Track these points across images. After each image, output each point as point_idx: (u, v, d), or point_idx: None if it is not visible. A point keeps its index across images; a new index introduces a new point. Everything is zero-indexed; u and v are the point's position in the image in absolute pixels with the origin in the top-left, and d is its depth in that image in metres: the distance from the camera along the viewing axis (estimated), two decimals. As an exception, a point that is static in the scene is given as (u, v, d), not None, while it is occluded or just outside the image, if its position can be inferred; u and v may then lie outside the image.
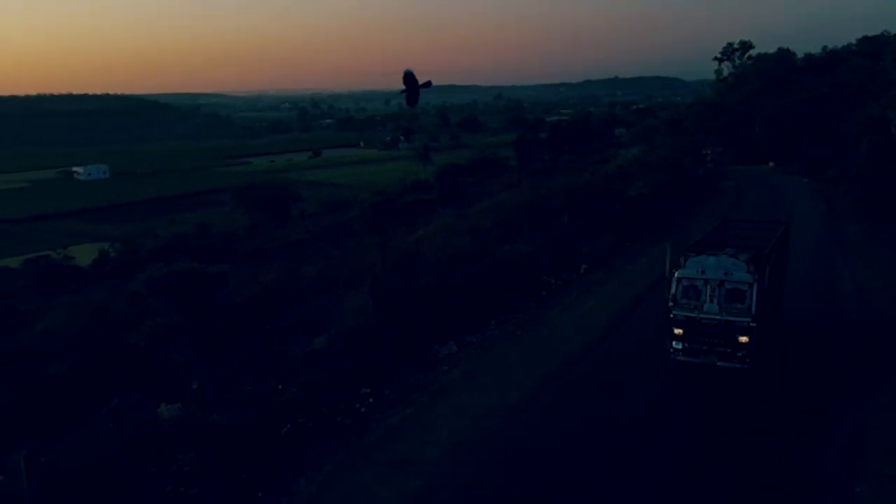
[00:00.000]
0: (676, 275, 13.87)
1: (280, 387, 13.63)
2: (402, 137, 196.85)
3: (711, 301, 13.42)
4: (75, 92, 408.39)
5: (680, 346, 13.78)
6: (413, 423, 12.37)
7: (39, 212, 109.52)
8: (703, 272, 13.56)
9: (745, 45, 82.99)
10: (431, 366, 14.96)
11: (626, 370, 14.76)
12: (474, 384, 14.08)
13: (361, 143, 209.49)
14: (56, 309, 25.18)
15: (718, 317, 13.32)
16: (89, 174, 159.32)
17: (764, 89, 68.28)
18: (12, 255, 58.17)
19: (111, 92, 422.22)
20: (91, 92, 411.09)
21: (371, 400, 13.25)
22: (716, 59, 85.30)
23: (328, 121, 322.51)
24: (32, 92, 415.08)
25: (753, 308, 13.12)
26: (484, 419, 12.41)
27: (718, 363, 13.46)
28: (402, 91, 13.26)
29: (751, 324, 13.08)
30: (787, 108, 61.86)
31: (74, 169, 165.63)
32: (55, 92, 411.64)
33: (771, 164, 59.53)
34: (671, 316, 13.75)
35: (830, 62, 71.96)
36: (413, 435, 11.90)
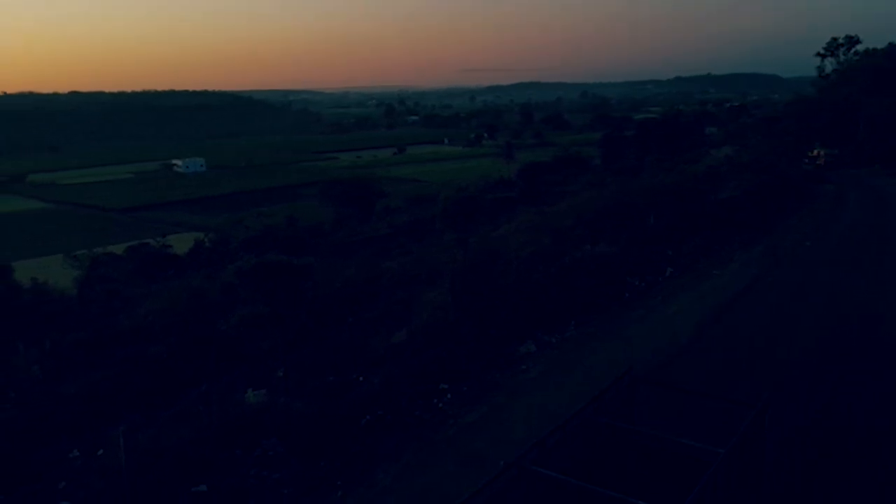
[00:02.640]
0: None
1: (360, 378, 13.92)
2: (485, 135, 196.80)
3: None
4: (177, 88, 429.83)
5: None
6: (489, 421, 12.37)
7: (142, 202, 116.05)
8: None
9: (852, 40, 78.31)
10: (509, 364, 14.90)
11: (710, 382, 14.20)
12: (552, 384, 13.93)
13: (445, 140, 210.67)
14: (154, 294, 26.56)
15: None
16: (187, 167, 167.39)
17: (871, 87, 64.25)
18: (117, 242, 61.80)
19: (209, 89, 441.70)
20: (191, 88, 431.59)
21: (449, 396, 13.34)
22: (818, 54, 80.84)
23: (413, 117, 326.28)
24: (139, 88, 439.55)
25: None
26: (560, 421, 12.23)
27: None
28: None
29: None
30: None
31: (174, 162, 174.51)
32: (159, 88, 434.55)
33: (877, 166, 56.14)
34: None
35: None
36: (489, 433, 11.90)
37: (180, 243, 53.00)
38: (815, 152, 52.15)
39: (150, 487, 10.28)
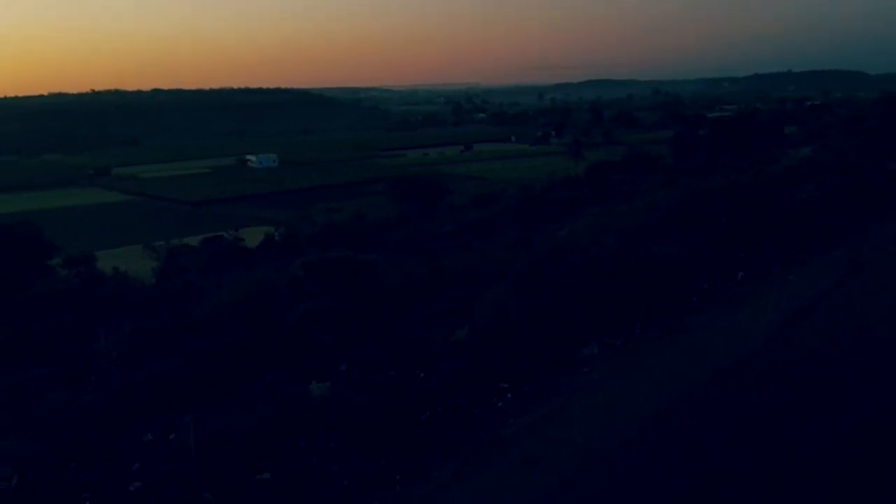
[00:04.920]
0: None
1: (421, 375, 14.02)
2: (553, 133, 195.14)
3: None
4: (252, 86, 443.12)
5: None
6: (549, 422, 12.26)
7: (216, 196, 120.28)
8: None
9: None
10: (571, 366, 14.72)
11: (781, 392, 13.68)
12: (615, 388, 13.69)
13: (512, 138, 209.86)
14: (226, 286, 27.46)
15: None
16: (260, 162, 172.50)
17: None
18: (192, 234, 64.28)
19: (282, 86, 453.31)
20: (265, 86, 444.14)
21: (508, 395, 13.29)
22: (909, 50, 76.47)
23: (480, 115, 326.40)
24: (217, 86, 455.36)
25: None
26: (622, 426, 12.05)
27: None
28: None
29: None
30: None
31: (248, 157, 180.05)
32: (235, 86, 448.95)
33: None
34: None
35: None
36: (548, 435, 11.80)
37: (252, 236, 54.71)
38: None
39: (217, 472, 10.66)
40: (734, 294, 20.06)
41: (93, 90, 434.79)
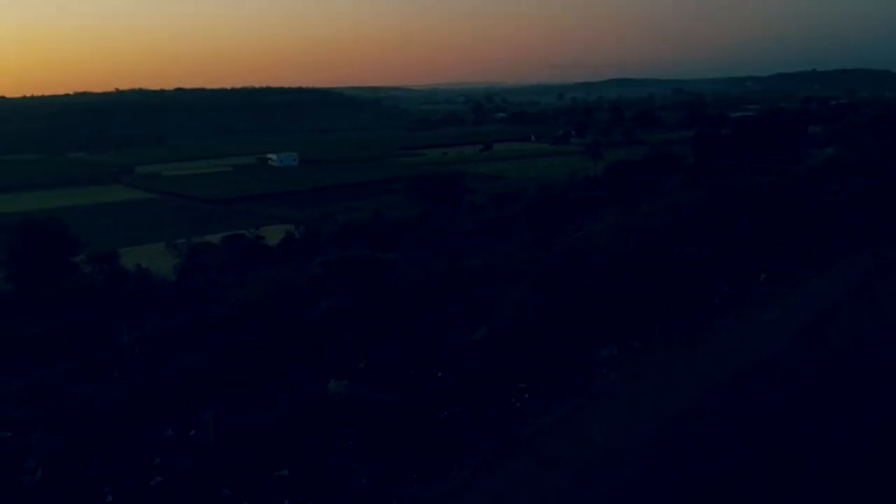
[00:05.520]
0: None
1: (439, 374, 14.03)
2: (573, 132, 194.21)
3: None
4: (273, 85, 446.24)
5: None
6: (567, 423, 12.21)
7: (237, 194, 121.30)
8: None
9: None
10: (590, 367, 14.65)
11: (802, 395, 13.50)
12: (634, 390, 13.61)
13: (532, 137, 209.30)
14: (246, 283, 27.68)
15: None
16: (281, 161, 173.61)
17: None
18: (213, 232, 64.84)
19: (303, 85, 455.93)
20: (286, 85, 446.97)
21: (526, 396, 13.25)
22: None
23: (500, 114, 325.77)
24: (238, 85, 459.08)
25: None
26: (640, 429, 11.97)
27: None
28: None
29: None
30: None
31: (268, 156, 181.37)
32: (256, 85, 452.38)
33: None
34: None
35: None
36: (566, 435, 11.75)
37: (272, 234, 55.09)
38: None
39: (236, 468, 10.76)
40: (757, 296, 19.82)
41: (117, 89, 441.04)
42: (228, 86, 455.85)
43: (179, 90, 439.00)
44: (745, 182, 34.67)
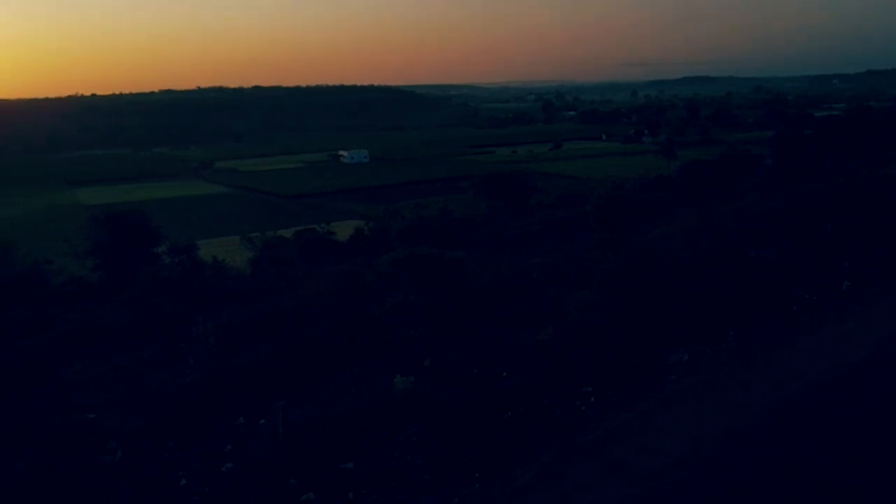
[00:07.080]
0: None
1: (504, 374, 13.99)
2: (645, 131, 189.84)
3: None
4: (346, 84, 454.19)
5: None
6: (634, 429, 11.95)
7: (310, 189, 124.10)
8: None
9: None
10: (659, 372, 14.31)
11: (883, 409, 12.77)
12: (704, 398, 13.20)
13: (603, 136, 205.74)
14: (316, 277, 28.30)
15: None
16: (352, 158, 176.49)
17: None
18: (286, 226, 66.40)
19: (376, 84, 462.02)
20: (360, 84, 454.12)
21: (592, 399, 13.05)
22: None
23: (571, 113, 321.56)
24: (313, 83, 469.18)
25: None
26: (710, 438, 11.60)
27: None
28: None
29: None
30: None
31: (340, 153, 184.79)
32: (330, 83, 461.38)
33: None
34: None
35: None
36: (633, 442, 11.50)
37: (342, 230, 56.04)
38: None
39: (303, 458, 11.02)
40: (838, 304, 18.89)
41: (198, 87, 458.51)
42: (304, 84, 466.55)
43: (257, 88, 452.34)
44: (829, 184, 33.15)
